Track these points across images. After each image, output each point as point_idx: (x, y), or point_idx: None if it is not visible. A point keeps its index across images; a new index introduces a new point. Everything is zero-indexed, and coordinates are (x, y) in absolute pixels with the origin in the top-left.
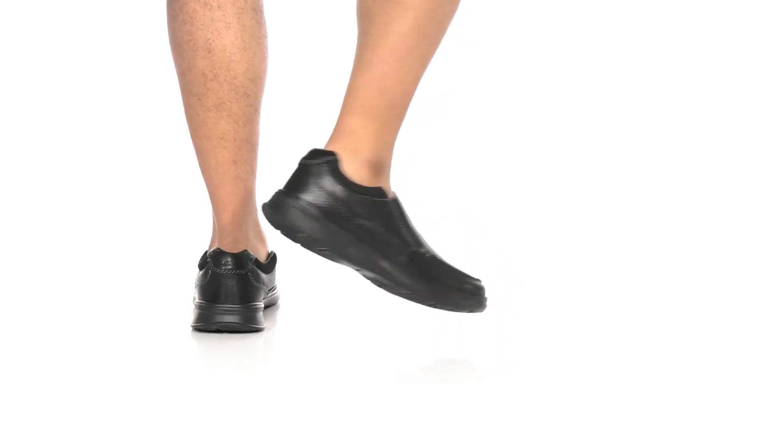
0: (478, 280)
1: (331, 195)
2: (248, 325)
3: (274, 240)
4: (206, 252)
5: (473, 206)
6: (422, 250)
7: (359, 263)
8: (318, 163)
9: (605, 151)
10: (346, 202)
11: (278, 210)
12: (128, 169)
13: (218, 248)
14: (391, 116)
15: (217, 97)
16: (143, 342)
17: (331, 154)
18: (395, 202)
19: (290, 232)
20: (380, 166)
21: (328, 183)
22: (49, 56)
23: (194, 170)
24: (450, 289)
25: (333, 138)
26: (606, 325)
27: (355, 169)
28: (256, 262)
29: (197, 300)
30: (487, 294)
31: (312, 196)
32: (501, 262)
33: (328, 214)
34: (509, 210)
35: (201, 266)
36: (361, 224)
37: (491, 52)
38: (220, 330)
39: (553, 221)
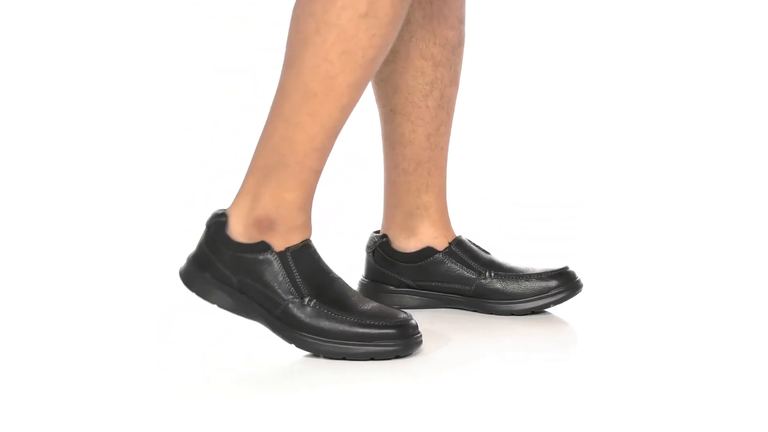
0: (385, 325)
1: (214, 253)
2: None
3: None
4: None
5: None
6: (305, 300)
7: (245, 315)
8: (209, 224)
9: (605, 151)
10: (223, 260)
11: (183, 272)
12: (129, 169)
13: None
14: (286, 175)
15: None
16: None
17: (222, 215)
18: (282, 255)
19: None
20: (271, 223)
21: (211, 243)
22: (49, 56)
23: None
24: (331, 338)
25: (235, 197)
26: (605, 325)
27: (242, 228)
28: None
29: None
30: (394, 342)
31: (197, 254)
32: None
33: (210, 271)
34: (508, 209)
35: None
36: (240, 280)
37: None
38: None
39: (552, 221)
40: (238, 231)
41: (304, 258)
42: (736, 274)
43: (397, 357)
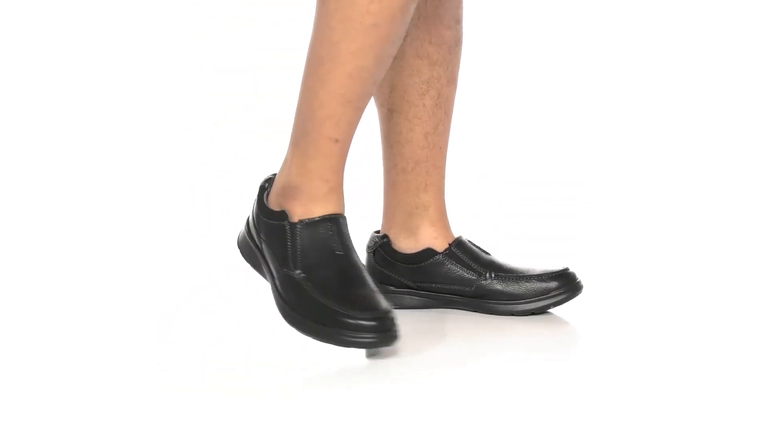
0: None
1: (255, 215)
2: None
3: None
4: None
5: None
6: (296, 272)
7: (261, 273)
8: (259, 188)
9: (605, 150)
10: (256, 222)
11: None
12: (129, 169)
13: None
14: (306, 143)
15: None
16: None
17: (268, 180)
18: (293, 226)
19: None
20: (294, 191)
21: (255, 205)
22: (49, 56)
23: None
24: (303, 315)
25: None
26: (606, 325)
27: (273, 195)
28: None
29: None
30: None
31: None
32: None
33: (249, 232)
34: (508, 209)
35: None
36: (263, 240)
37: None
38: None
39: (552, 221)
40: (271, 198)
41: (313, 232)
42: (737, 275)
43: (366, 348)
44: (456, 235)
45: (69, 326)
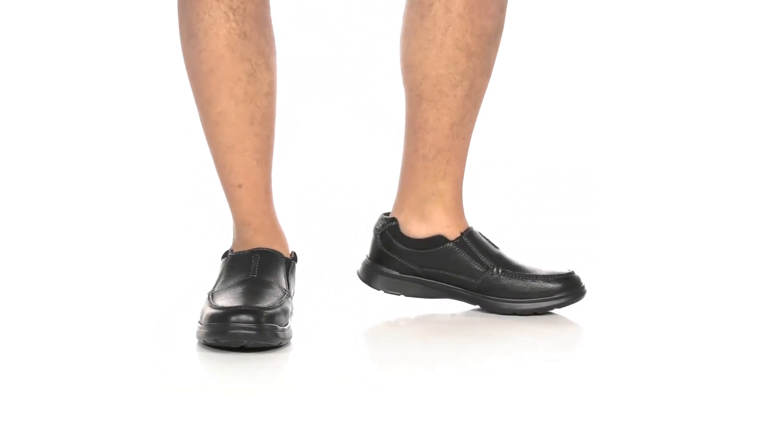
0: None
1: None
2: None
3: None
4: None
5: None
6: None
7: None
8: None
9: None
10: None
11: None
12: (129, 169)
13: None
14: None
15: None
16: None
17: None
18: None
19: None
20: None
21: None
22: (49, 57)
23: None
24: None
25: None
26: (611, 326)
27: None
28: None
29: None
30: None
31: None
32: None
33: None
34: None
35: None
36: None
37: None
38: None
39: (550, 221)
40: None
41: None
42: (743, 278)
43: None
44: (468, 226)
45: (69, 326)
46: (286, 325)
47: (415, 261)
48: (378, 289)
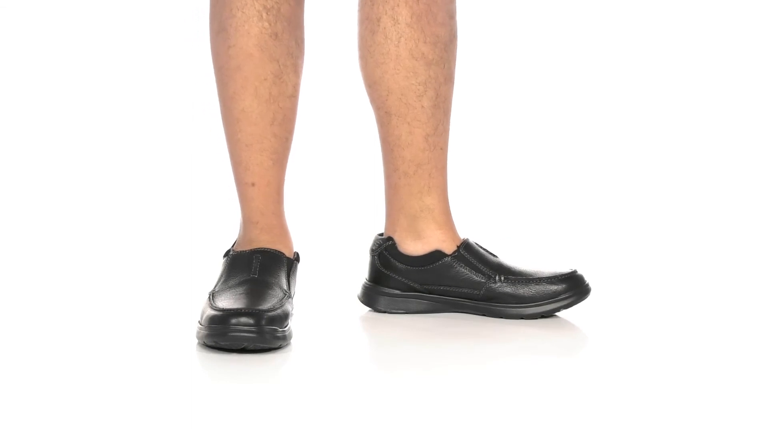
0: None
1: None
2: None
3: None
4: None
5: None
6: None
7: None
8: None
9: (613, 151)
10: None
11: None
12: (129, 169)
13: None
14: (237, 191)
15: None
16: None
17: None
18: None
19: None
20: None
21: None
22: (49, 57)
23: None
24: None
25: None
26: (616, 328)
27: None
28: None
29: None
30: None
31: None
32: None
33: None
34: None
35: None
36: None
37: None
38: None
39: (549, 222)
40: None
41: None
42: (748, 279)
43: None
44: (462, 237)
45: (69, 326)
46: (286, 326)
47: (415, 278)
48: (381, 311)
